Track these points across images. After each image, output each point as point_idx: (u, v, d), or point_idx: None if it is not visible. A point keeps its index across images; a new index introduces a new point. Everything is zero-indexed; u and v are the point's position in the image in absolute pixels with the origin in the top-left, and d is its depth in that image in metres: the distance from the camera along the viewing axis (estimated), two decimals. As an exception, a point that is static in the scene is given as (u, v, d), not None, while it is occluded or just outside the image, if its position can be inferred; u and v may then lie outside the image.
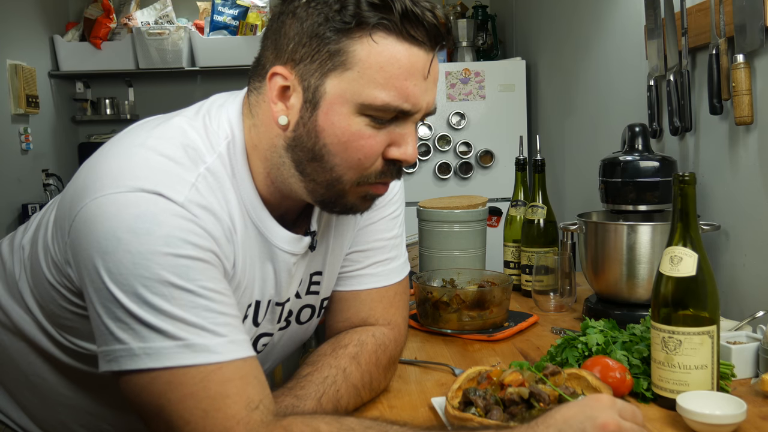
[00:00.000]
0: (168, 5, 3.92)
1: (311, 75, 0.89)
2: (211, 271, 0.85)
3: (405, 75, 0.89)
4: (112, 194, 0.83)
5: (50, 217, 0.97)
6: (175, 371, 0.80)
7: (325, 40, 0.87)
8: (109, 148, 0.91)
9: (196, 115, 0.96)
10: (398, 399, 1.14)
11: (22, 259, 1.03)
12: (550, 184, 1.96)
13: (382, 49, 0.87)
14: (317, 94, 0.89)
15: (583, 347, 1.18)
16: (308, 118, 0.90)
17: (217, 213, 0.88)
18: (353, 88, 0.88)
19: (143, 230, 0.81)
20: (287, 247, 1.00)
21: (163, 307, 0.80)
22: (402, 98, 0.89)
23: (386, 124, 0.91)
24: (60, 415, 1.10)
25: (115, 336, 0.82)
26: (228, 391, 0.81)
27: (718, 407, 0.97)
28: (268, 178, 0.97)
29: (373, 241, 1.15)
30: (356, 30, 0.87)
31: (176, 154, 0.88)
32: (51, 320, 1.00)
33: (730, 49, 1.45)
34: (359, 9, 0.86)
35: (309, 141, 0.91)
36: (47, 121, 3.73)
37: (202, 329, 0.82)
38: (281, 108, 0.92)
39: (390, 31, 0.87)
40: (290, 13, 0.90)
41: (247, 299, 0.99)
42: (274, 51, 0.92)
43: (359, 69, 0.87)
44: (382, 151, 0.92)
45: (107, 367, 0.83)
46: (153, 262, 0.80)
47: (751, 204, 1.44)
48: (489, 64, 3.29)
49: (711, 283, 1.03)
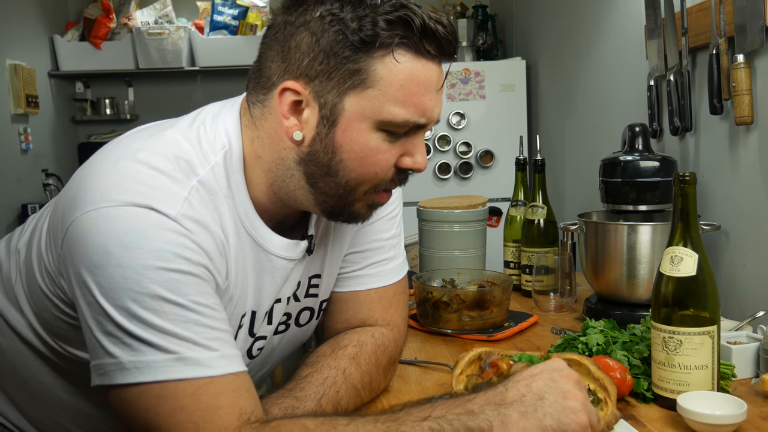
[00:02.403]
0: (168, 5, 3.92)
1: (328, 92, 0.88)
2: (203, 286, 0.84)
3: (423, 91, 0.90)
4: (103, 208, 0.82)
5: (44, 224, 0.96)
6: (166, 385, 0.79)
7: (343, 58, 0.87)
8: (101, 159, 0.90)
9: (190, 127, 0.94)
10: (398, 399, 1.13)
11: (17, 263, 1.02)
12: (550, 184, 1.96)
13: (403, 67, 0.88)
14: (335, 111, 0.89)
15: (583, 347, 1.18)
16: (326, 135, 0.90)
17: (209, 227, 0.87)
18: (373, 106, 0.88)
19: (134, 244, 0.80)
20: (284, 254, 1.00)
21: (154, 322, 0.80)
22: (420, 113, 0.90)
23: (401, 137, 0.92)
24: (57, 417, 1.09)
25: (106, 350, 0.81)
26: (220, 403, 0.81)
27: (718, 407, 0.97)
28: (271, 189, 0.96)
29: (371, 242, 1.15)
30: (377, 49, 0.86)
31: (168, 167, 0.87)
32: (46, 328, 0.99)
33: (731, 49, 1.45)
34: (378, 27, 0.86)
35: (325, 156, 0.91)
36: (47, 121, 3.73)
37: (194, 343, 0.81)
38: (294, 123, 0.91)
39: (409, 48, 0.88)
40: (301, 26, 0.89)
41: (240, 310, 0.98)
42: (283, 64, 0.90)
43: (380, 87, 0.88)
44: (395, 162, 0.93)
45: (99, 381, 0.83)
46: (144, 277, 0.80)
47: (751, 204, 1.44)
48: (489, 64, 3.29)
49: (711, 283, 1.03)
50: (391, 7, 0.87)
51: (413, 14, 0.86)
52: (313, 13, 0.88)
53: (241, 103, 0.98)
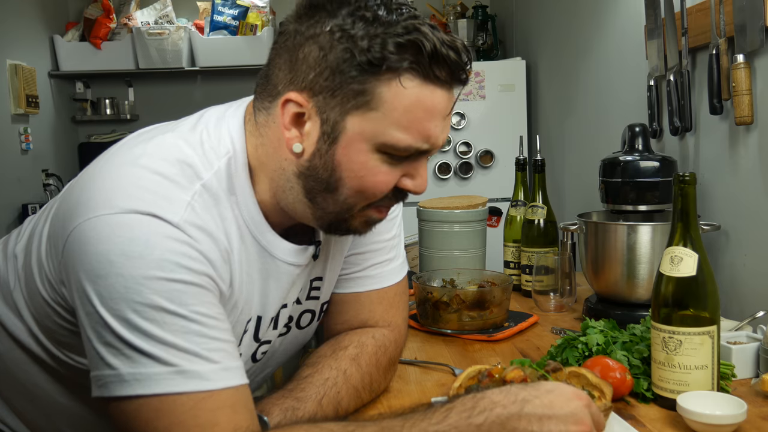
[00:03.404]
0: (168, 5, 3.92)
1: (331, 109, 0.87)
2: (205, 296, 0.83)
3: (428, 117, 0.87)
4: (105, 215, 0.81)
5: (44, 229, 0.95)
6: (165, 398, 0.78)
7: (349, 78, 0.85)
8: (103, 164, 0.89)
9: (192, 130, 0.93)
10: (398, 399, 1.14)
11: (15, 269, 1.00)
12: (550, 184, 1.96)
13: (409, 92, 0.85)
14: (336, 129, 0.87)
15: (583, 347, 1.18)
16: (326, 151, 0.88)
17: (213, 233, 0.86)
18: (375, 128, 0.86)
19: (136, 254, 0.79)
20: (291, 259, 0.99)
21: (154, 333, 0.78)
22: (423, 140, 0.88)
23: (402, 159, 0.91)
24: (57, 423, 1.08)
25: (106, 361, 0.80)
26: (218, 419, 0.79)
27: (718, 407, 0.97)
28: (274, 197, 0.95)
29: (372, 243, 1.14)
30: (384, 72, 0.84)
31: (170, 171, 0.85)
32: (46, 334, 0.98)
33: (730, 49, 1.45)
34: (387, 50, 0.83)
35: (325, 173, 0.89)
36: (47, 121, 3.73)
37: (195, 355, 0.80)
38: (295, 134, 0.90)
39: (417, 73, 0.85)
40: (310, 38, 0.87)
41: (246, 316, 0.97)
42: (289, 74, 0.89)
43: (384, 111, 0.86)
44: (395, 183, 0.92)
45: (98, 393, 0.81)
46: (145, 287, 0.78)
47: (751, 204, 1.44)
48: (489, 64, 3.29)
49: (711, 283, 1.03)
50: (404, 29, 0.84)
51: (425, 39, 0.84)
52: (324, 26, 0.86)
53: (247, 107, 0.97)
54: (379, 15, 0.84)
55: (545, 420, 0.81)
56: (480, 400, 0.83)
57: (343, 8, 0.86)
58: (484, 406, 0.82)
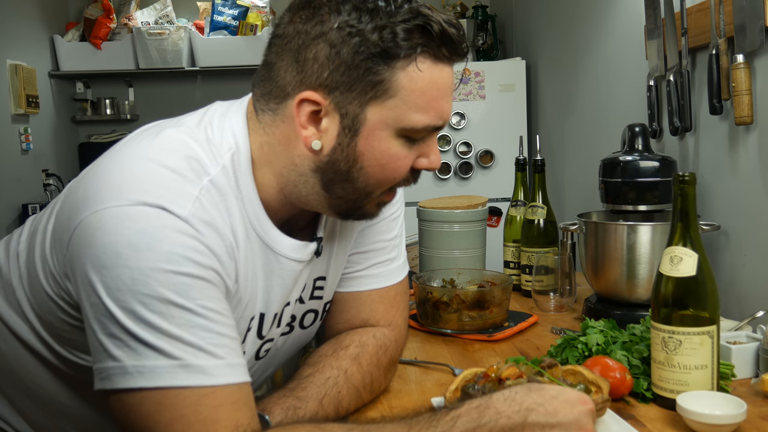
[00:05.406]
0: (168, 5, 3.92)
1: (349, 103, 0.89)
2: (212, 291, 0.83)
3: (441, 95, 0.91)
4: (113, 207, 0.81)
5: (48, 225, 0.95)
6: (167, 392, 0.78)
7: (365, 70, 0.87)
8: (110, 158, 0.89)
9: (197, 126, 0.93)
10: (398, 399, 1.14)
11: (18, 267, 1.01)
12: (550, 184, 1.96)
13: (424, 74, 0.89)
14: (357, 121, 0.89)
15: (583, 347, 1.18)
16: (347, 144, 0.90)
17: (219, 228, 0.87)
18: (395, 115, 0.89)
19: (144, 246, 0.79)
20: (293, 255, 1.00)
21: (160, 325, 0.78)
22: (438, 117, 0.92)
23: (417, 140, 0.94)
24: (60, 422, 1.08)
25: (110, 353, 0.80)
26: (219, 416, 0.79)
27: (718, 407, 0.97)
28: (281, 192, 0.96)
29: (374, 243, 1.15)
30: (399, 60, 0.87)
31: (179, 165, 0.86)
32: (50, 331, 0.98)
33: (730, 49, 1.45)
34: (399, 38, 0.86)
35: (346, 165, 0.91)
36: (47, 121, 3.74)
37: (199, 349, 0.80)
38: (313, 132, 0.91)
39: (429, 55, 0.89)
40: (317, 37, 0.88)
41: (249, 313, 0.97)
42: (299, 75, 0.89)
43: (401, 96, 0.88)
44: (411, 165, 0.95)
45: (101, 386, 0.81)
46: (153, 279, 0.78)
47: (751, 204, 1.44)
48: (489, 64, 3.29)
49: (711, 283, 1.03)
50: (409, 14, 0.87)
51: (431, 21, 0.87)
52: (330, 24, 0.87)
53: (247, 105, 0.98)
54: (379, 5, 0.87)
55: (548, 429, 0.82)
56: (485, 410, 0.83)
57: (346, 4, 0.87)
58: (489, 417, 0.82)
